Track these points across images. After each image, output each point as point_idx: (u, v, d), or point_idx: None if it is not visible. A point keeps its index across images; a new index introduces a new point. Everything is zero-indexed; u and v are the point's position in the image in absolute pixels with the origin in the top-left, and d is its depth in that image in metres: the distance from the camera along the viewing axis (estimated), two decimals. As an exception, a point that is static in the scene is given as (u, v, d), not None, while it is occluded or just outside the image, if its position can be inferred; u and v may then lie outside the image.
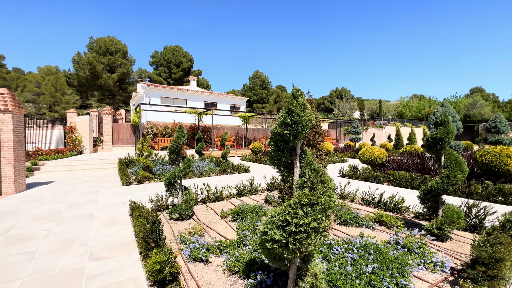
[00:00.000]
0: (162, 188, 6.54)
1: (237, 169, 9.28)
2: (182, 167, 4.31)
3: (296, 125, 1.52)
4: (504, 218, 3.12)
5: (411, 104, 53.45)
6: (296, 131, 1.53)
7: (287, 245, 1.45)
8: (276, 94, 67.57)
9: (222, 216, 4.37)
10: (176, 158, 4.40)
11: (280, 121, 1.58)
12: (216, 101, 25.47)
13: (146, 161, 7.77)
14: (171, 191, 4.46)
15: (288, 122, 1.55)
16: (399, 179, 6.51)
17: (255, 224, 3.65)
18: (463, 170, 3.22)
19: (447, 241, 3.29)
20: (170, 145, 4.35)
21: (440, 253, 2.94)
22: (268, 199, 5.18)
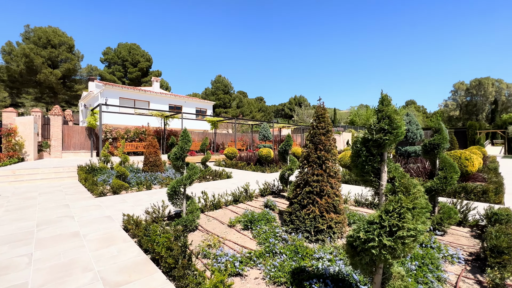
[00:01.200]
0: (144, 198, 5.93)
1: (219, 175, 8.98)
2: (187, 175, 3.98)
3: (396, 131, 1.56)
4: (486, 212, 3.68)
5: (361, 112, 59.34)
6: (396, 137, 1.57)
7: (394, 250, 1.46)
8: (238, 99, 67.98)
9: (230, 225, 4.16)
10: (181, 165, 4.04)
11: (379, 127, 1.60)
12: (181, 104, 24.37)
13: (121, 169, 6.96)
14: (175, 200, 4.07)
15: (387, 129, 1.57)
16: (378, 181, 7.13)
17: (275, 232, 3.56)
18: (457, 171, 3.69)
19: (445, 235, 3.71)
20: (175, 151, 3.99)
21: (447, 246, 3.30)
22: (269, 204, 5.12)
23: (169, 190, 3.93)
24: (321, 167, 3.71)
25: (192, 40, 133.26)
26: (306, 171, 3.79)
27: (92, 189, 6.42)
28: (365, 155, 1.65)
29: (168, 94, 23.73)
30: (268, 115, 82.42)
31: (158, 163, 9.05)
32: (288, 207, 4.05)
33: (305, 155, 3.90)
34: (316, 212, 3.53)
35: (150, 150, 9.05)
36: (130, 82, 43.02)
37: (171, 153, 4.03)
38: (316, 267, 2.58)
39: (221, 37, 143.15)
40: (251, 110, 74.00)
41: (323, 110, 3.97)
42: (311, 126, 3.96)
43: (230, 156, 13.71)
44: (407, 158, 8.19)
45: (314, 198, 3.61)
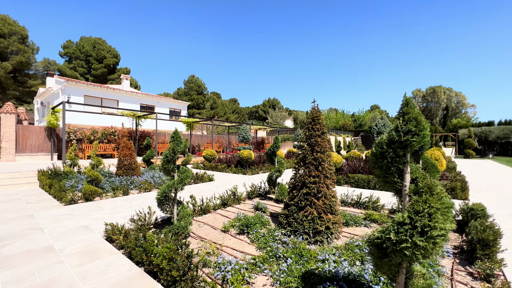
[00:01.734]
0: (123, 205, 5.47)
1: (201, 178, 8.67)
2: (179, 178, 3.73)
3: (422, 133, 1.59)
4: (462, 208, 4.03)
5: (331, 116, 62.22)
6: (422, 138, 1.60)
7: (426, 250, 1.48)
8: (212, 100, 66.99)
9: (224, 230, 4.00)
10: (172, 168, 3.78)
11: (406, 129, 1.62)
12: (153, 104, 23.22)
13: (94, 173, 6.33)
14: (165, 206, 3.79)
15: (414, 130, 1.60)
16: (358, 181, 7.47)
17: (274, 235, 3.50)
18: (438, 171, 3.99)
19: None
20: (166, 153, 3.72)
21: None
22: (260, 207, 5.03)
23: (159, 195, 3.65)
24: (317, 168, 3.74)
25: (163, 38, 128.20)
26: (303, 173, 3.80)
27: (59, 196, 5.74)
28: (391, 156, 1.67)
29: (139, 93, 22.44)
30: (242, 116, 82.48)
31: (134, 166, 8.46)
32: (284, 209, 4.02)
33: (301, 156, 3.91)
34: (314, 214, 3.54)
35: (125, 152, 8.41)
36: (94, 79, 39.89)
37: (163, 155, 3.76)
38: (322, 269, 2.56)
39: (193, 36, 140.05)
40: (225, 112, 73.42)
41: (318, 112, 4.02)
42: (306, 128, 3.98)
43: (209, 158, 13.36)
44: (382, 159, 8.77)
45: (312, 200, 3.62)
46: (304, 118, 68.90)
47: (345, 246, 3.18)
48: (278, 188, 5.99)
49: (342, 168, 8.64)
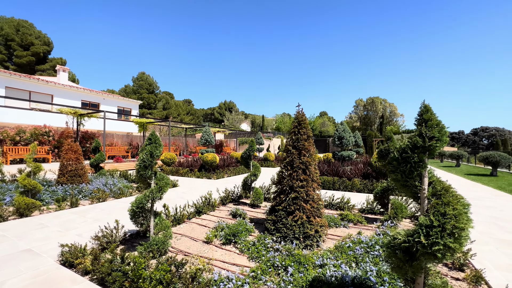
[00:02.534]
0: (75, 219, 4.60)
1: (164, 184, 7.93)
2: (158, 187, 3.28)
3: (444, 138, 1.68)
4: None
5: (285, 120, 65.09)
6: (443, 143, 1.68)
7: (454, 250, 1.55)
8: (165, 100, 63.28)
9: (206, 241, 3.67)
10: (149, 174, 3.29)
11: (431, 134, 1.68)
12: (98, 102, 20.63)
13: (30, 182, 5.16)
14: (139, 219, 3.28)
15: (438, 136, 1.67)
16: (324, 183, 7.86)
17: (265, 243, 3.34)
18: (405, 172, 4.42)
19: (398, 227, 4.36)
20: (143, 158, 3.22)
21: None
22: (239, 213, 4.81)
23: (134, 206, 3.13)
24: (305, 172, 3.75)
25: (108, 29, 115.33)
26: (291, 177, 3.75)
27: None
28: (415, 161, 1.72)
29: (80, 88, 19.60)
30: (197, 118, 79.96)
31: (81, 173, 7.25)
32: (269, 214, 3.91)
33: (288, 160, 3.86)
34: (303, 218, 3.52)
35: (70, 156, 7.16)
36: (18, 68, 33.43)
37: (139, 160, 3.24)
38: (324, 275, 2.53)
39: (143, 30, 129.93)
40: (179, 113, 70.15)
41: (303, 116, 4.05)
42: (292, 132, 3.97)
43: (168, 162, 12.43)
44: (342, 161, 9.44)
45: (301, 204, 3.60)
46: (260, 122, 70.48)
47: (337, 249, 3.23)
48: (253, 193, 5.85)
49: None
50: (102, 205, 5.69)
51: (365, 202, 5.50)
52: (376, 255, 2.99)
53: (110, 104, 21.36)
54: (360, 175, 8.13)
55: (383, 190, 4.49)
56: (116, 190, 6.94)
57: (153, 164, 3.30)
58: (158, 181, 3.36)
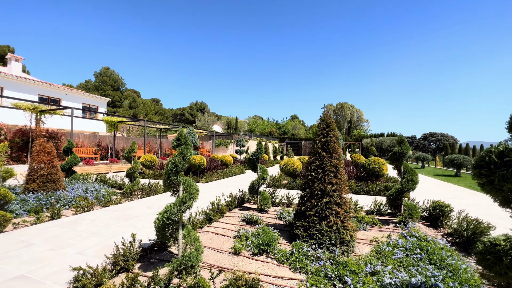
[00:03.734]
0: (64, 234, 3.89)
1: (154, 189, 7.25)
2: (187, 194, 2.87)
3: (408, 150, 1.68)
4: (432, 205, 4.78)
5: (258, 123, 65.52)
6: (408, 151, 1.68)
7: None
8: (131, 98, 59.37)
9: (234, 252, 3.34)
10: (179, 180, 2.87)
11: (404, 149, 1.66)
12: (59, 97, 18.43)
13: (0, 190, 4.24)
14: (168, 231, 2.83)
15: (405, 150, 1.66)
16: (321, 185, 7.91)
17: (304, 252, 3.13)
18: (417, 174, 4.60)
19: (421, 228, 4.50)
20: (175, 161, 2.78)
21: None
22: (253, 219, 4.53)
23: (165, 217, 2.69)
24: (336, 175, 3.65)
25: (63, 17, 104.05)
26: (322, 180, 3.62)
27: None
28: None
29: (38, 81, 17.23)
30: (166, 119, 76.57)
31: (56, 178, 6.25)
32: (298, 220, 3.72)
33: (318, 163, 3.72)
34: (338, 223, 3.41)
35: (42, 158, 6.12)
36: (-50, 54, 28.33)
37: (169, 163, 2.81)
38: (382, 283, 2.43)
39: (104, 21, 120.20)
40: (146, 112, 66.50)
41: (330, 118, 3.96)
42: (321, 134, 3.85)
43: (149, 165, 11.49)
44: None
45: (335, 209, 3.48)
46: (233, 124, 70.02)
47: (378, 253, 3.17)
48: (260, 197, 5.60)
49: (302, 174, 8.99)
50: (90, 215, 4.94)
51: (371, 203, 5.62)
52: (419, 258, 2.99)
53: (73, 101, 19.16)
54: (354, 177, 8.37)
55: (398, 192, 4.60)
56: (100, 197, 6.13)
57: (185, 168, 2.90)
58: (187, 187, 2.96)
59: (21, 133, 12.80)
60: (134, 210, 5.31)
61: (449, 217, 4.44)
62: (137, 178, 7.56)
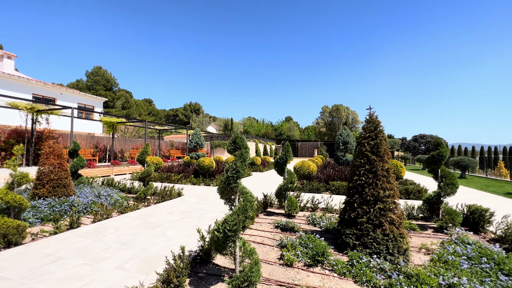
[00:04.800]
0: (93, 246, 3.56)
1: (169, 194, 6.92)
2: (243, 205, 2.61)
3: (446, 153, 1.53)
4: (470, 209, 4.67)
5: (254, 124, 65.33)
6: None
7: None
8: (124, 99, 58.19)
9: (286, 263, 3.10)
10: (236, 188, 2.60)
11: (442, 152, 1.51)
12: (54, 96, 17.72)
13: (15, 197, 3.84)
14: (228, 245, 2.56)
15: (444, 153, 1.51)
16: (339, 188, 7.76)
17: (364, 262, 2.92)
18: (456, 178, 4.48)
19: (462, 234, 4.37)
20: (237, 166, 2.52)
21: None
22: (290, 226, 4.30)
23: (227, 229, 2.42)
24: (388, 180, 3.47)
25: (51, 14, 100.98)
26: (374, 185, 3.43)
27: None
28: None
29: (32, 80, 16.46)
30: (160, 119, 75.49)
31: (66, 182, 5.84)
32: (348, 228, 3.51)
33: (368, 167, 3.53)
34: (395, 231, 3.22)
35: (52, 161, 5.71)
36: None
37: (229, 168, 2.55)
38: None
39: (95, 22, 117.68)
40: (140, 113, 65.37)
41: (377, 119, 3.79)
42: (368, 136, 3.67)
43: (154, 167, 11.05)
44: (345, 165, 9.54)
45: (390, 215, 3.30)
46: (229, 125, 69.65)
47: (444, 263, 3.00)
48: (288, 202, 5.38)
49: (317, 176, 8.83)
50: (111, 223, 4.58)
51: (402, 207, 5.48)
52: (487, 267, 2.83)
53: (69, 100, 18.42)
54: (370, 180, 8.25)
55: (437, 195, 4.47)
56: (114, 203, 5.77)
57: (245, 173, 2.64)
58: (242, 195, 2.70)
59: (16, 134, 12.12)
60: (156, 217, 4.99)
61: (490, 222, 4.34)
62: (150, 182, 7.20)
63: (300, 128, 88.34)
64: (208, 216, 5.10)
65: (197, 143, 12.01)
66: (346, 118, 50.93)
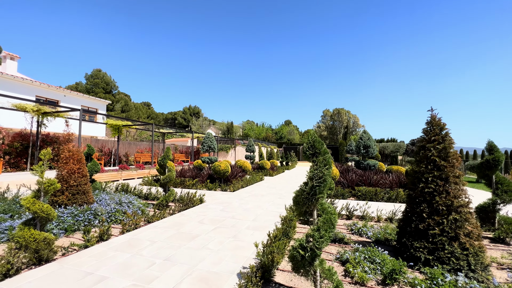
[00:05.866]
0: (132, 263, 3.19)
1: (192, 200, 6.55)
2: (330, 216, 2.28)
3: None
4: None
5: (254, 127, 65.08)
6: None
7: None
8: (123, 102, 57.73)
9: (357, 281, 2.77)
10: (321, 200, 2.28)
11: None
12: (58, 99, 17.29)
13: (43, 207, 3.47)
14: (312, 267, 2.22)
15: None
16: (365, 194, 7.45)
17: (450, 281, 2.60)
18: None
19: (514, 243, 4.07)
20: (322, 174, 2.20)
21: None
22: (339, 237, 3.97)
23: (315, 247, 2.10)
24: (460, 188, 3.18)
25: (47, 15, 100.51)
26: (445, 194, 3.13)
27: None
28: None
29: (35, 81, 16.01)
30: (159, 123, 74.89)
31: (86, 189, 5.45)
32: (416, 240, 3.19)
33: (436, 174, 3.23)
34: (474, 244, 2.91)
35: (72, 166, 5.33)
36: None
37: (311, 177, 2.24)
38: None
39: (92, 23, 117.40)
40: (139, 116, 64.90)
41: (441, 121, 3.50)
42: (434, 140, 3.38)
43: (166, 171, 10.65)
44: (368, 170, 9.26)
45: (466, 227, 2.99)
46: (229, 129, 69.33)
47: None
48: (326, 209, 5.05)
49: (340, 181, 8.53)
50: (141, 234, 4.21)
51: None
52: None
53: (72, 103, 17.97)
54: (400, 186, 7.98)
55: (493, 203, 4.19)
56: (137, 211, 5.40)
57: (329, 183, 2.32)
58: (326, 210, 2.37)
59: (20, 137, 11.66)
60: (188, 227, 4.62)
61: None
62: (171, 188, 6.83)
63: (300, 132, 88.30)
64: (242, 226, 4.75)
65: (209, 146, 11.66)
66: (347, 122, 50.96)
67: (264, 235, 4.19)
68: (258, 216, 5.51)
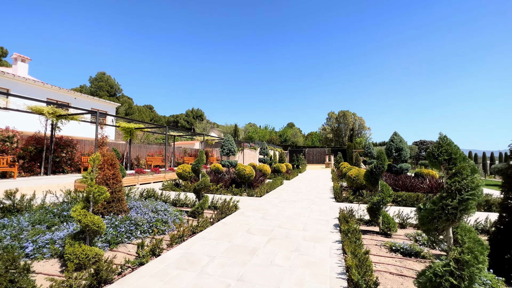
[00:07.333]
0: (200, 285, 2.77)
1: (228, 208, 6.16)
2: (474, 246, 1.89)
3: None
4: None
5: (258, 130, 64.78)
6: None
7: None
8: (127, 105, 57.63)
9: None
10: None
11: None
12: (68, 101, 16.99)
13: (94, 219, 3.10)
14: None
15: None
16: (406, 200, 7.05)
17: None
18: None
19: None
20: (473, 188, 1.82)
21: None
22: (413, 250, 3.58)
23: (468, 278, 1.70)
24: None
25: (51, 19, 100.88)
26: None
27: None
28: None
29: (46, 84, 15.71)
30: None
31: (120, 196, 5.06)
32: None
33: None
34: None
35: (107, 172, 4.95)
36: None
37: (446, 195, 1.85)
38: None
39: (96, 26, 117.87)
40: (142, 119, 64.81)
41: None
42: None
43: (186, 176, 10.29)
44: (400, 174, 8.88)
45: None
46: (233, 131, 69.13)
47: None
48: (383, 218, 4.67)
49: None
50: (194, 247, 3.81)
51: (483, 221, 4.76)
52: None
53: (82, 105, 17.62)
54: (436, 189, 7.58)
55: None
56: (175, 220, 5.02)
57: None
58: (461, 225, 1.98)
59: (34, 140, 11.30)
60: (240, 239, 4.22)
61: None
62: (205, 194, 6.45)
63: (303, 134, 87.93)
64: (296, 237, 4.35)
65: (229, 150, 11.29)
66: (353, 124, 50.61)
67: (327, 248, 3.80)
68: (306, 225, 5.11)
